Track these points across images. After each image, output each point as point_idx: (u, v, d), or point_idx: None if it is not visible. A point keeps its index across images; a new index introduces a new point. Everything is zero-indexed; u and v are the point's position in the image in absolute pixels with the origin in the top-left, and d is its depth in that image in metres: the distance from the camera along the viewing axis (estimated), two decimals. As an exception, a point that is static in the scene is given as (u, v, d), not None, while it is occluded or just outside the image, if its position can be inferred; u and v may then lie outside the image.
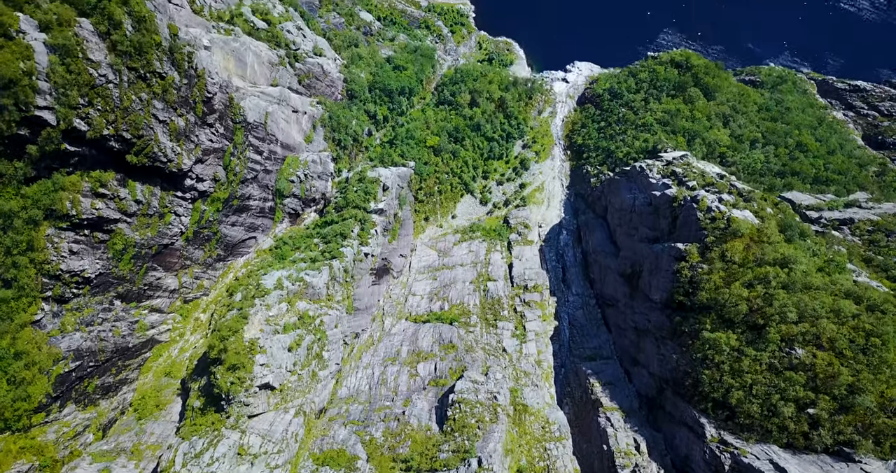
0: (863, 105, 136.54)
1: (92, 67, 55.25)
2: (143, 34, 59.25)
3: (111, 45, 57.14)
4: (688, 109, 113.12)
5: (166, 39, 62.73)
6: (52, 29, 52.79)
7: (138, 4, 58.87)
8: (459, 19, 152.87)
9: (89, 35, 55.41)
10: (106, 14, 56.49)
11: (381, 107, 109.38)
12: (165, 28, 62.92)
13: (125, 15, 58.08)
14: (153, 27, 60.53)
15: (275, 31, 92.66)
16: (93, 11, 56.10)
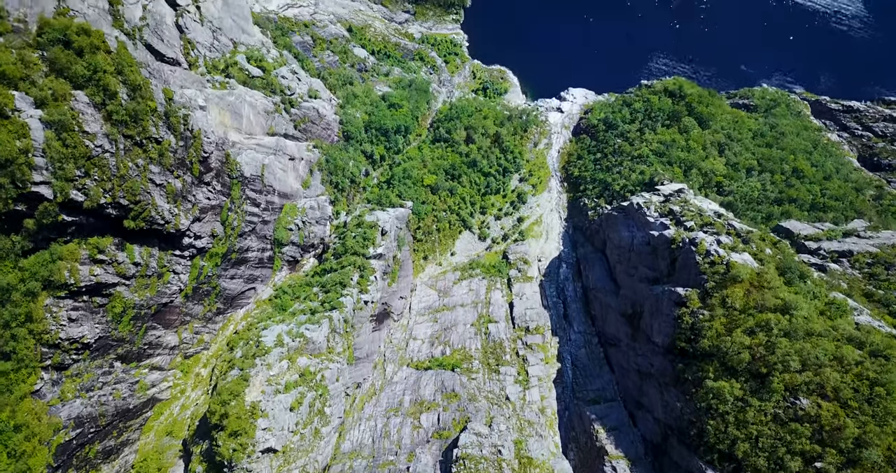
0: (857, 126, 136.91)
1: (88, 139, 55.38)
2: (138, 102, 59.50)
3: (107, 114, 57.33)
4: (683, 139, 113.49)
5: (161, 104, 62.97)
6: (48, 105, 52.95)
7: (133, 73, 59.14)
8: (453, 49, 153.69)
9: (85, 107, 55.60)
10: (101, 85, 56.72)
11: (377, 147, 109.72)
12: (160, 93, 63.19)
13: (120, 84, 58.36)
14: (148, 94, 60.79)
15: (269, 78, 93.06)
16: (88, 83, 56.29)
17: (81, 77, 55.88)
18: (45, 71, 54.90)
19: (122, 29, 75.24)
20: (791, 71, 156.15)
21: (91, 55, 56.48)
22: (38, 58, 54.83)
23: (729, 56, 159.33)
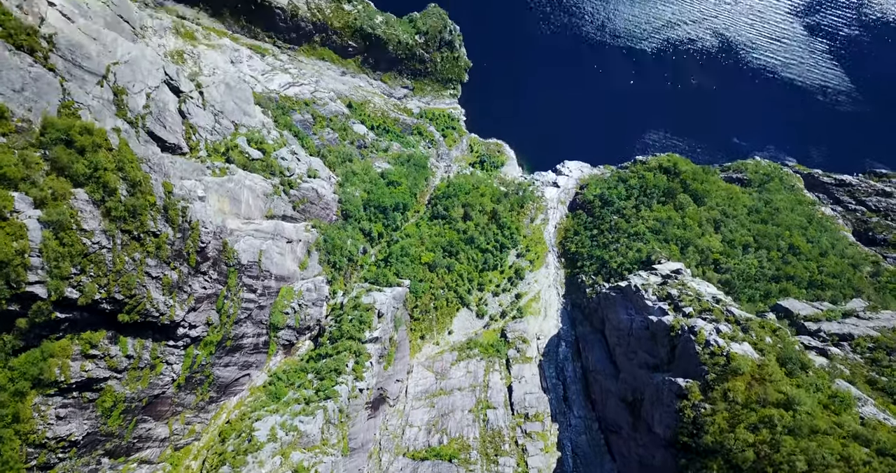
0: (850, 200, 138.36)
1: (86, 237, 55.46)
2: (137, 197, 59.95)
3: (106, 211, 57.62)
4: (679, 216, 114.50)
5: (161, 198, 63.48)
6: (47, 204, 53.24)
7: (133, 170, 59.84)
8: (451, 123, 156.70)
9: (84, 204, 55.94)
10: (101, 183, 57.24)
11: (375, 225, 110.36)
12: (160, 187, 63.79)
13: (120, 180, 58.94)
14: (148, 189, 61.34)
15: (269, 160, 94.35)
16: (88, 181, 56.82)
17: (82, 175, 56.42)
18: (47, 170, 55.46)
19: (126, 118, 76.72)
20: (784, 147, 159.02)
21: (93, 153, 57.24)
22: (40, 157, 55.49)
23: (721, 129, 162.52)
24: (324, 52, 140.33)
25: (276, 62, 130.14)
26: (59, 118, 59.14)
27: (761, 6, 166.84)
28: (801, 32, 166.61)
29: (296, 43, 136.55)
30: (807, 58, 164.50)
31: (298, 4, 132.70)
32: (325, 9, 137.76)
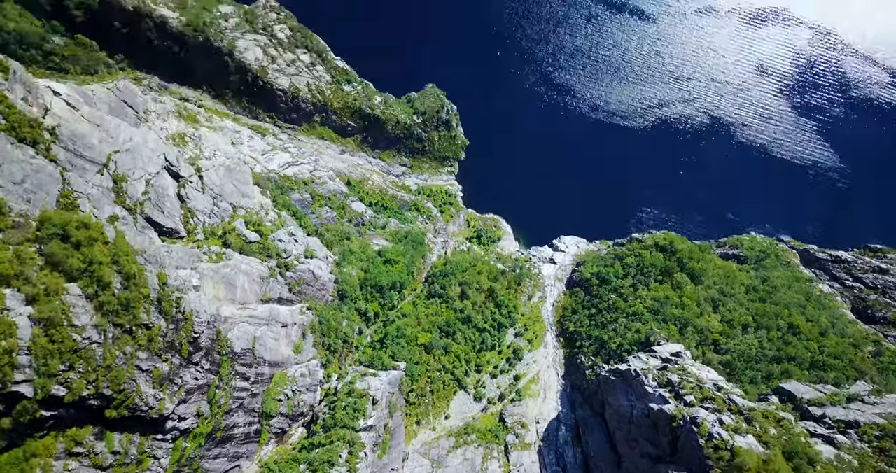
0: (847, 276, 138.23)
1: (76, 332, 54.74)
2: (131, 290, 59.60)
3: (98, 305, 57.13)
4: (677, 296, 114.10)
5: (155, 289, 63.14)
6: (39, 301, 52.78)
7: (128, 263, 59.77)
8: (448, 199, 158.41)
9: (76, 299, 55.51)
10: (95, 277, 57.00)
11: (371, 304, 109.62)
12: (154, 278, 63.58)
13: (115, 274, 58.75)
14: (142, 281, 61.09)
15: (266, 243, 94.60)
16: (82, 275, 56.60)
17: (77, 270, 56.25)
18: (41, 265, 55.31)
19: (125, 205, 77.35)
20: (778, 222, 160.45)
21: (88, 248, 57.28)
22: (35, 252, 55.46)
23: (715, 204, 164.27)
24: (323, 132, 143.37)
25: (277, 141, 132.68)
26: (57, 212, 59.38)
27: (750, 86, 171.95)
28: (790, 112, 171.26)
29: (296, 123, 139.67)
30: (797, 136, 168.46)
31: (299, 86, 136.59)
32: (326, 90, 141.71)
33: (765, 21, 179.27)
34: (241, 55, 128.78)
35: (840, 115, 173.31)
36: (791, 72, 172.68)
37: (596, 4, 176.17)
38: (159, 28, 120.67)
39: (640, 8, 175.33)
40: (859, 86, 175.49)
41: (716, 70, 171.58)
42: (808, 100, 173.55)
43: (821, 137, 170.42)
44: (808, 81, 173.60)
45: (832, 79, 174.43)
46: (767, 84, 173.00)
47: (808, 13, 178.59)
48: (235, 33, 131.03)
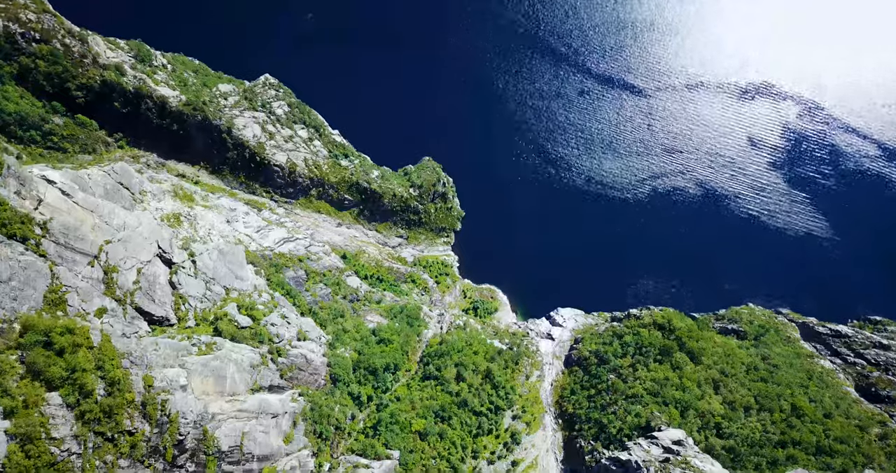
0: (848, 352, 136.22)
1: (55, 445, 52.66)
2: (115, 397, 57.83)
3: (79, 414, 55.26)
4: (676, 377, 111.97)
5: (140, 393, 61.34)
6: (17, 414, 50.91)
7: (113, 368, 58.22)
8: (444, 269, 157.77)
9: (56, 410, 53.68)
10: (77, 384, 55.33)
11: (365, 387, 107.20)
12: (140, 382, 61.87)
13: (98, 380, 57.13)
14: (126, 386, 59.38)
15: (258, 328, 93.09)
16: (64, 383, 54.91)
17: (58, 378, 54.60)
18: (22, 373, 53.71)
19: (114, 296, 76.35)
20: (776, 292, 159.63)
21: (71, 354, 55.82)
22: (16, 360, 53.96)
23: (712, 275, 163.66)
24: (320, 206, 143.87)
25: (273, 216, 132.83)
26: (41, 318, 58.09)
27: (741, 159, 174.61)
28: (781, 183, 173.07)
29: (293, 197, 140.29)
30: (789, 207, 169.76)
31: (296, 162, 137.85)
32: (323, 165, 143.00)
33: (754, 96, 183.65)
34: (239, 132, 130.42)
35: (831, 186, 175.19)
36: (781, 144, 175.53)
37: (588, 79, 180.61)
38: (159, 107, 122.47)
39: (631, 83, 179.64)
40: (849, 157, 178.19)
41: (707, 143, 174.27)
42: (799, 172, 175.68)
43: (813, 208, 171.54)
44: (799, 154, 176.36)
45: (822, 152, 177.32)
46: (758, 156, 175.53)
47: (795, 88, 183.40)
48: (234, 111, 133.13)
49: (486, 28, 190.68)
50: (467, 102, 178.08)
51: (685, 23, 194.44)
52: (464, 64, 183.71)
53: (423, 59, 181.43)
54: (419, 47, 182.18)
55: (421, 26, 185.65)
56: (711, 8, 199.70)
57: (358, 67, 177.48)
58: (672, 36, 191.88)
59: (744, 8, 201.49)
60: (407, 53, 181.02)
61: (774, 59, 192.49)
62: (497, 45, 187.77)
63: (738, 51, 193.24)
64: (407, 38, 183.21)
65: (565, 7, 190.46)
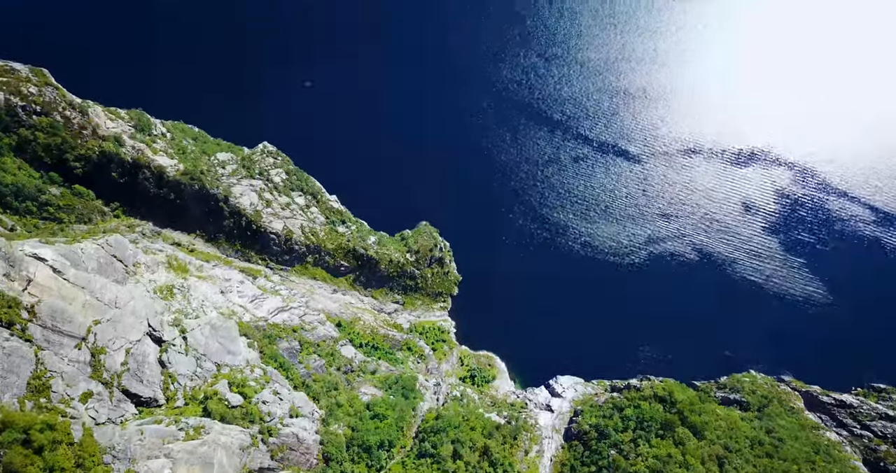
0: (854, 424, 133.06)
1: (28, 552, 50.01)
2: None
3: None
4: (679, 453, 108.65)
5: (121, 492, 58.94)
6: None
7: (94, 465, 55.98)
8: (441, 336, 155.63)
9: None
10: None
11: (358, 466, 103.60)
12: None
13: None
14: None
15: (249, 407, 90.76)
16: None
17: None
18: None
19: (101, 379, 74.73)
20: (778, 358, 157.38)
21: (51, 452, 53.75)
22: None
23: (712, 342, 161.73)
24: (316, 272, 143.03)
25: (268, 284, 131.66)
26: (22, 410, 56.36)
27: (737, 224, 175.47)
28: (778, 248, 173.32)
29: (288, 264, 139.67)
30: (787, 272, 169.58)
31: (293, 229, 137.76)
32: (319, 231, 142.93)
33: (748, 161, 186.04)
34: (236, 200, 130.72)
35: (827, 251, 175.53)
36: (776, 210, 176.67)
37: (582, 145, 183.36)
38: (157, 177, 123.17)
39: (625, 149, 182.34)
40: (844, 222, 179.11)
41: (702, 208, 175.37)
42: (795, 237, 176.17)
43: (811, 273, 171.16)
44: (794, 218, 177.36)
45: (817, 217, 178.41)
46: (754, 222, 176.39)
47: (787, 154, 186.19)
48: (232, 180, 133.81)
49: (481, 94, 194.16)
50: (464, 167, 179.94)
51: (677, 90, 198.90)
52: (459, 130, 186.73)
53: (420, 124, 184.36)
54: (416, 115, 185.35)
55: (418, 96, 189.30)
56: (702, 76, 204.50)
57: (355, 133, 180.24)
58: (664, 103, 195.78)
59: (734, 76, 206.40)
60: (405, 121, 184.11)
61: (766, 126, 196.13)
62: (491, 110, 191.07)
63: (730, 117, 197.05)
64: (405, 106, 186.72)
65: (558, 75, 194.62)
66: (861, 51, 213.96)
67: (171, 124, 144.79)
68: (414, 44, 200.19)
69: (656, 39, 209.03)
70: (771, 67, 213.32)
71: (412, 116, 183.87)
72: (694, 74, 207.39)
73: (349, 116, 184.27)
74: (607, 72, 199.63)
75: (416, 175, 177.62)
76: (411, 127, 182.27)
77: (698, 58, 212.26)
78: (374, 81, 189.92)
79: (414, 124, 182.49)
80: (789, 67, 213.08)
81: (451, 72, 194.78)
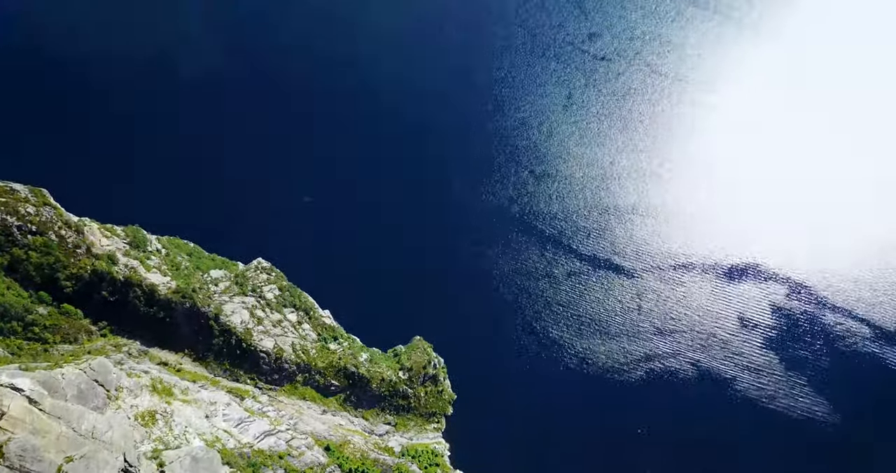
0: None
1: None
2: None
3: None
4: None
5: None
6: None
7: None
8: (434, 460, 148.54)
9: None
10: None
11: None
12: None
13: None
14: None
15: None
16: None
17: None
18: None
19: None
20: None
21: None
22: None
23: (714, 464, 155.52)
24: (305, 392, 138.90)
25: (256, 405, 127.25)
26: None
27: (734, 340, 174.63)
28: (777, 364, 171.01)
29: (278, 383, 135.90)
30: (788, 389, 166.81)
31: (284, 347, 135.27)
32: (310, 349, 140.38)
33: (741, 276, 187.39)
34: (227, 318, 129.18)
35: (826, 367, 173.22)
36: (773, 325, 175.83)
37: (575, 260, 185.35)
38: (147, 295, 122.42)
39: (618, 264, 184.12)
40: (841, 337, 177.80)
41: (698, 324, 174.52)
42: (794, 353, 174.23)
43: (812, 389, 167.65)
44: (792, 334, 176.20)
45: (815, 332, 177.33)
46: (752, 338, 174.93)
47: (780, 269, 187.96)
48: (224, 297, 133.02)
49: (473, 209, 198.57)
50: (459, 281, 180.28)
51: (666, 205, 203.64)
52: (453, 244, 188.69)
53: (418, 239, 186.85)
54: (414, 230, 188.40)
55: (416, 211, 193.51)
56: (690, 190, 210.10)
57: (353, 247, 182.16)
58: (654, 218, 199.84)
59: (722, 192, 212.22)
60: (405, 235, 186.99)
61: (758, 239, 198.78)
62: (484, 225, 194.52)
63: (721, 233, 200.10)
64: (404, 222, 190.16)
65: (548, 192, 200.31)
66: (857, 163, 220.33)
67: (168, 239, 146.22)
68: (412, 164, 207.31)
69: (641, 157, 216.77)
70: (761, 179, 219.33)
71: (411, 232, 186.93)
72: (682, 189, 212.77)
73: (347, 231, 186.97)
74: (596, 188, 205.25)
75: (411, 288, 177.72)
76: (410, 240, 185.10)
77: (685, 172, 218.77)
78: (373, 196, 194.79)
79: (412, 238, 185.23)
80: (780, 179, 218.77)
81: (447, 189, 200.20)
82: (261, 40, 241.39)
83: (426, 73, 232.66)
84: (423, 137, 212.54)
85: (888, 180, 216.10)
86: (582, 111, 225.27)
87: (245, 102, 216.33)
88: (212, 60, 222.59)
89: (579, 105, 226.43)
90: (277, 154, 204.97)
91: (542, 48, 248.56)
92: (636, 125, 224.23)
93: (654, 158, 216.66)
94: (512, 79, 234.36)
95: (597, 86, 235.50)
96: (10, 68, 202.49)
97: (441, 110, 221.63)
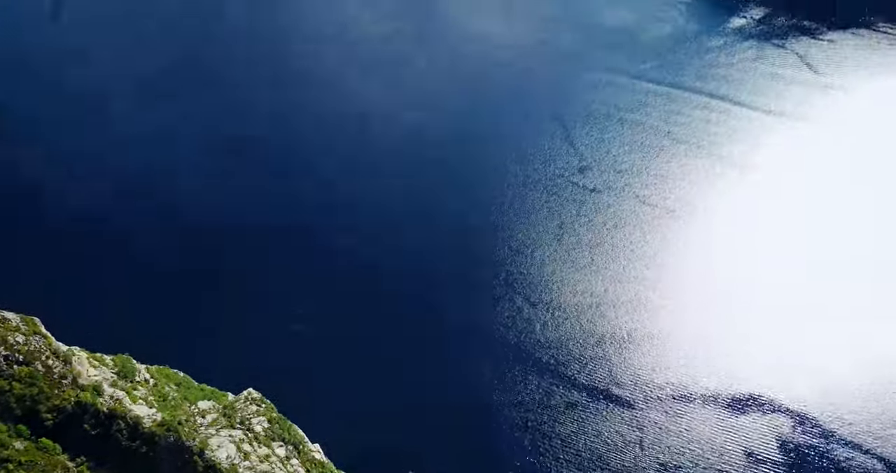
0: None
1: None
2: None
3: None
4: None
5: None
6: None
7: None
8: None
9: None
10: None
11: None
12: None
13: None
14: None
15: None
16: None
17: None
18: None
19: None
20: None
21: None
22: None
23: None
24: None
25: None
26: None
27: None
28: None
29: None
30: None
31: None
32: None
33: (743, 408, 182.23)
34: (212, 453, 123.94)
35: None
36: (780, 459, 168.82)
37: (573, 391, 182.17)
38: (131, 428, 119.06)
39: (617, 394, 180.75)
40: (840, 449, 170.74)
41: (703, 459, 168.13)
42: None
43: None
44: (800, 469, 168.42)
45: (823, 467, 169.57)
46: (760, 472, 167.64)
47: (784, 399, 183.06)
48: (210, 430, 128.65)
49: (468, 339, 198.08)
50: (454, 412, 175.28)
51: (663, 333, 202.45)
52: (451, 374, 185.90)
53: (417, 375, 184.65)
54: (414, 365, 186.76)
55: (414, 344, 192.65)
56: (687, 319, 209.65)
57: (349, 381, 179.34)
58: (651, 346, 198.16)
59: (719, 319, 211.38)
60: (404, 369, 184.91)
61: (760, 366, 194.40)
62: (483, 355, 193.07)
63: (721, 361, 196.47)
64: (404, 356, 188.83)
65: (543, 319, 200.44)
66: (860, 285, 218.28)
67: (157, 369, 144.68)
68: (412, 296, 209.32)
69: (636, 285, 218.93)
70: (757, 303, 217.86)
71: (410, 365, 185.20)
72: (678, 316, 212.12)
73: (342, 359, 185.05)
74: (592, 316, 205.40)
75: (407, 422, 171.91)
76: (409, 374, 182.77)
77: (679, 298, 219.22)
78: (373, 329, 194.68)
79: (410, 372, 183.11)
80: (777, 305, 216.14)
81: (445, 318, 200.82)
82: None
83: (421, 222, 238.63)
84: (418, 270, 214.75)
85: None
86: (574, 239, 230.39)
87: (243, 224, 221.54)
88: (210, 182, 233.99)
89: (570, 234, 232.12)
90: (278, 280, 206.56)
91: (534, 181, 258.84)
92: (628, 254, 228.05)
93: (648, 286, 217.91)
94: (507, 209, 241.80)
95: (588, 215, 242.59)
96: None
97: (437, 237, 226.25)
